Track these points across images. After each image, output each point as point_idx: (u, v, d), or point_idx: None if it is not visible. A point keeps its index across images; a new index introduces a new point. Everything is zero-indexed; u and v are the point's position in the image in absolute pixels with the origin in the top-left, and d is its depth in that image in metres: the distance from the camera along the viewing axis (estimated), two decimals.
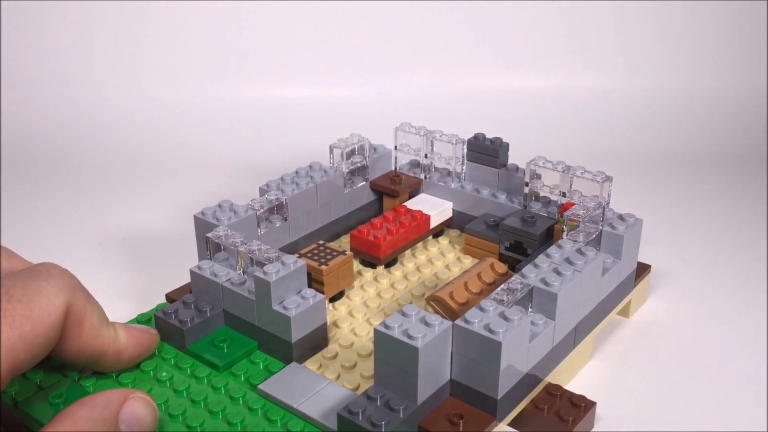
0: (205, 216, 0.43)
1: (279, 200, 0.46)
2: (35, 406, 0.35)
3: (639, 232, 0.44)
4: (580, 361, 0.41)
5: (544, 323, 0.36)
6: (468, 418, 0.34)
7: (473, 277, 0.41)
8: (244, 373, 0.37)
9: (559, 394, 0.37)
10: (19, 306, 0.29)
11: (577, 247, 0.39)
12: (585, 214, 0.40)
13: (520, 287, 0.36)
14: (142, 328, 0.37)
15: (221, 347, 0.38)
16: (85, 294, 0.33)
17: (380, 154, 0.53)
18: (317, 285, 0.42)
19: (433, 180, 0.52)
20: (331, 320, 0.42)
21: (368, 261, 0.47)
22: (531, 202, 0.48)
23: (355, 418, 0.32)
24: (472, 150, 0.51)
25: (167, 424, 0.34)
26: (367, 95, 0.79)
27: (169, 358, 0.38)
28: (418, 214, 0.49)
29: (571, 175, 0.46)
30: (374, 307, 0.43)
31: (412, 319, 0.33)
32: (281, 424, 0.34)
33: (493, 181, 0.51)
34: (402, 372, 0.33)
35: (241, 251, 0.39)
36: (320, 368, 0.38)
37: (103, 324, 0.34)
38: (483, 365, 0.33)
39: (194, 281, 0.40)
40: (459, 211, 0.51)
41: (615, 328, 0.45)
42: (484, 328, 0.33)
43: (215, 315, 0.40)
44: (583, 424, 0.36)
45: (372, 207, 0.53)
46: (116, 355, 0.35)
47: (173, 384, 0.36)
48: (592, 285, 0.39)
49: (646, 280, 0.47)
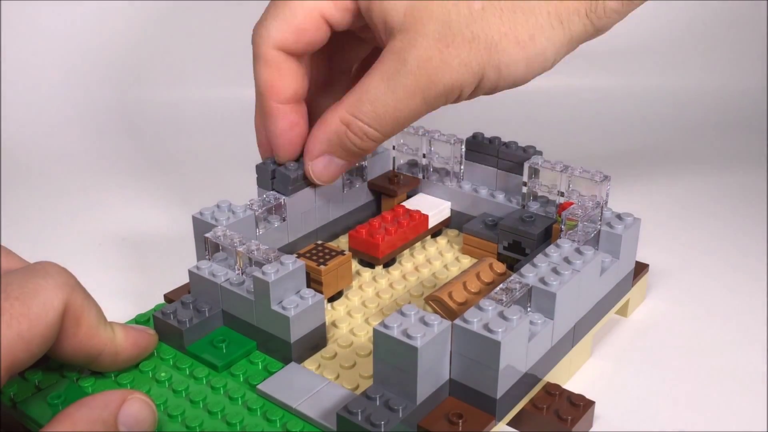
0: (203, 216, 0.43)
1: (277, 200, 0.46)
2: (34, 406, 0.35)
3: (637, 232, 0.44)
4: (578, 360, 0.41)
5: (542, 323, 0.36)
6: (467, 417, 0.34)
7: (472, 277, 0.41)
8: (243, 374, 0.37)
9: (558, 394, 0.37)
10: (16, 304, 0.29)
11: (575, 247, 0.39)
12: (583, 214, 0.41)
13: (518, 287, 0.36)
14: (140, 329, 0.37)
15: (220, 347, 0.38)
16: (83, 293, 0.33)
17: (378, 154, 0.53)
18: (316, 285, 0.42)
19: (432, 180, 0.52)
20: (330, 320, 0.42)
21: (367, 261, 0.47)
22: (529, 202, 0.48)
23: (355, 417, 0.32)
24: (470, 149, 0.51)
25: (166, 425, 0.34)
26: None
27: (168, 358, 0.38)
28: (417, 214, 0.49)
29: (569, 175, 0.46)
30: (373, 307, 0.43)
31: (411, 318, 0.33)
32: (280, 424, 0.34)
33: (492, 180, 0.51)
34: (401, 372, 0.33)
35: (239, 251, 0.39)
36: (319, 368, 0.38)
37: (101, 323, 0.34)
38: (482, 365, 0.33)
39: (193, 281, 0.40)
40: (457, 211, 0.51)
41: (613, 328, 0.45)
42: (483, 328, 0.33)
43: (214, 315, 0.40)
44: (582, 423, 0.36)
45: (370, 207, 0.53)
46: (114, 355, 0.35)
47: (172, 384, 0.36)
48: (591, 284, 0.39)
49: (644, 279, 0.47)
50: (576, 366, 0.41)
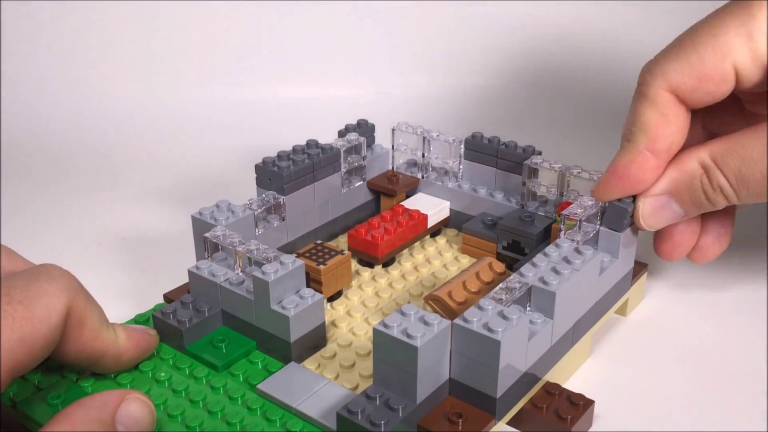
0: (202, 216, 0.43)
1: (276, 200, 0.46)
2: (34, 406, 0.35)
3: (636, 231, 0.44)
4: (578, 359, 0.41)
5: (542, 322, 0.36)
6: (467, 417, 0.34)
7: (471, 277, 0.41)
8: (243, 373, 0.37)
9: (558, 393, 0.37)
10: (19, 308, 0.29)
11: (574, 246, 0.39)
12: (582, 213, 0.41)
13: (518, 286, 0.36)
14: (141, 329, 0.37)
15: (220, 347, 0.38)
16: (85, 295, 0.33)
17: (377, 154, 0.53)
18: (315, 285, 0.42)
19: (431, 179, 0.52)
20: (330, 320, 0.42)
21: (366, 260, 0.47)
22: (528, 202, 0.48)
23: (355, 417, 0.32)
24: (469, 149, 0.51)
25: (166, 425, 0.34)
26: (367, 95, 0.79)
27: (168, 358, 0.38)
28: (416, 214, 0.49)
29: (568, 175, 0.46)
30: (372, 307, 0.43)
31: (410, 318, 0.33)
32: (280, 424, 0.34)
33: (491, 180, 0.51)
34: (401, 371, 0.33)
35: (239, 251, 0.39)
36: (319, 368, 0.38)
37: (103, 325, 0.34)
38: (482, 364, 0.33)
39: (192, 281, 0.40)
40: (456, 211, 0.51)
41: (613, 327, 0.45)
42: (482, 327, 0.33)
43: (213, 315, 0.40)
44: (582, 422, 0.36)
45: (369, 206, 0.53)
46: (116, 356, 0.35)
47: (172, 384, 0.36)
48: (590, 284, 0.40)
49: (643, 278, 0.47)
50: (575, 365, 0.41)
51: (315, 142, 0.49)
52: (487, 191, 0.50)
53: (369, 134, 0.53)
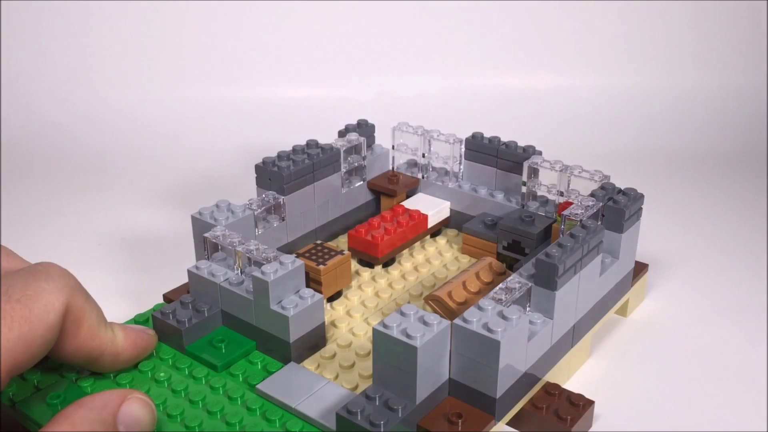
0: (202, 216, 0.43)
1: (276, 200, 0.45)
2: (33, 407, 0.35)
3: (636, 232, 0.44)
4: (578, 360, 0.41)
5: (542, 322, 0.36)
6: (467, 417, 0.34)
7: (471, 277, 0.41)
8: (243, 373, 0.37)
9: (558, 393, 0.37)
10: (18, 306, 0.29)
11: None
12: (583, 214, 0.40)
13: (518, 286, 0.36)
14: (139, 329, 0.37)
15: (219, 347, 0.38)
16: (83, 294, 0.33)
17: (378, 154, 0.53)
18: (315, 285, 0.42)
19: (431, 179, 0.52)
20: (329, 320, 0.42)
21: (366, 261, 0.47)
22: (528, 202, 0.48)
23: (354, 417, 0.32)
24: (470, 149, 0.51)
25: (165, 425, 0.34)
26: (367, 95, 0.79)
27: (167, 358, 0.38)
28: (416, 214, 0.49)
29: (568, 175, 0.46)
30: (372, 307, 0.43)
31: (410, 318, 0.33)
32: (280, 424, 0.34)
33: (491, 180, 0.51)
34: (401, 371, 0.33)
35: (239, 251, 0.39)
36: (319, 368, 0.38)
37: (102, 325, 0.34)
38: (481, 364, 0.33)
39: (192, 281, 0.40)
40: (456, 211, 0.51)
41: (613, 327, 0.45)
42: (482, 328, 0.33)
43: (213, 315, 0.39)
44: (582, 423, 0.36)
45: (369, 207, 0.53)
46: (114, 356, 0.35)
47: (171, 384, 0.36)
48: (590, 284, 0.39)
49: (643, 279, 0.47)
50: (575, 366, 0.41)
51: (315, 142, 0.49)
52: (487, 191, 0.50)
53: (369, 134, 0.53)
